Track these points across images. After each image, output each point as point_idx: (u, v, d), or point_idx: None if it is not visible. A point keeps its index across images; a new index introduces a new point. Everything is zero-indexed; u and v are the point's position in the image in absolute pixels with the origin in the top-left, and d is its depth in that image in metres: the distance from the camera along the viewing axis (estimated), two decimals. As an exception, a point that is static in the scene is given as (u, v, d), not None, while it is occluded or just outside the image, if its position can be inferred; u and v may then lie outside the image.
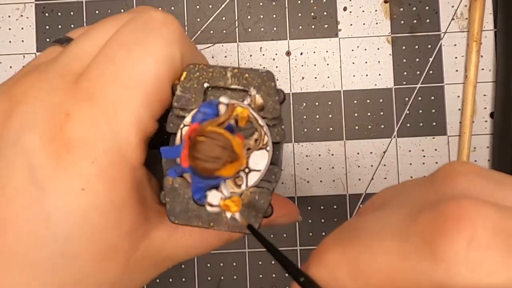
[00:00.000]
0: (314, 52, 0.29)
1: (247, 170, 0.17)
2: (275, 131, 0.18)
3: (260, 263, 0.29)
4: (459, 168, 0.12)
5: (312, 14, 0.30)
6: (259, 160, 0.17)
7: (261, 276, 0.29)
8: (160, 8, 0.30)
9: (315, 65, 0.29)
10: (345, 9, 0.30)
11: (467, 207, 0.10)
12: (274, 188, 0.18)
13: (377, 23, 0.30)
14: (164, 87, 0.17)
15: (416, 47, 0.29)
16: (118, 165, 0.16)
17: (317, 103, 0.29)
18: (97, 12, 0.30)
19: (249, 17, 0.30)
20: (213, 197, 0.16)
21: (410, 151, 0.29)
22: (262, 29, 0.30)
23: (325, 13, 0.30)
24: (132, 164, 0.17)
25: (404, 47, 0.29)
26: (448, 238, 0.10)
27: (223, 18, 0.30)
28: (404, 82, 0.29)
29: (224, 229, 0.17)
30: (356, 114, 0.29)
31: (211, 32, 0.30)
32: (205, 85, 0.18)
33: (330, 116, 0.29)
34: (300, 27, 0.30)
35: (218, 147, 0.15)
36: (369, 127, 0.29)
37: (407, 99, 0.29)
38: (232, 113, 0.16)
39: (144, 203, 0.18)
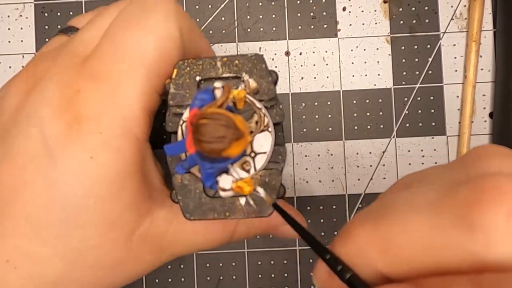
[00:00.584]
0: (313, 52, 0.29)
1: (253, 155, 0.17)
2: (274, 112, 0.18)
3: (259, 263, 0.29)
4: (491, 149, 0.12)
5: (312, 14, 0.30)
6: (263, 142, 0.17)
7: (260, 276, 0.29)
8: (159, 8, 0.30)
9: (314, 65, 0.29)
10: (344, 9, 0.30)
11: (505, 182, 0.10)
12: (283, 168, 0.18)
13: (376, 23, 0.30)
14: (165, 61, 0.18)
15: (415, 47, 0.29)
16: (122, 136, 0.17)
17: (316, 103, 0.29)
18: (96, 12, 0.30)
19: (248, 17, 0.30)
20: (225, 181, 0.16)
21: (409, 151, 0.29)
22: (261, 29, 0.30)
23: (324, 13, 0.30)
24: (136, 135, 0.18)
25: (403, 47, 0.29)
26: (487, 210, 0.10)
27: (222, 18, 0.30)
28: (403, 82, 0.29)
29: (240, 216, 0.17)
30: (355, 114, 0.29)
31: (211, 32, 0.30)
32: (197, 78, 0.18)
33: (329, 116, 0.29)
34: (299, 27, 0.30)
35: (222, 127, 0.15)
36: (368, 127, 0.29)
37: (406, 99, 0.29)
38: (228, 94, 0.16)
39: (148, 179, 0.19)
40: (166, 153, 0.17)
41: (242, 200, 0.17)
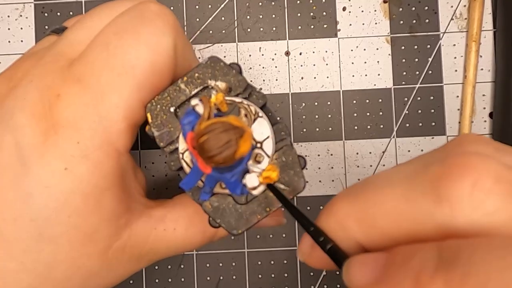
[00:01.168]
0: (313, 52, 0.29)
1: (259, 145, 0.17)
2: (254, 98, 0.18)
3: (259, 263, 0.29)
4: (472, 136, 0.13)
5: (311, 14, 0.30)
6: (261, 129, 0.17)
7: (260, 276, 0.29)
8: (159, 8, 0.30)
9: (314, 65, 0.29)
10: (344, 9, 0.30)
11: (473, 159, 0.11)
12: (292, 141, 0.18)
13: (376, 23, 0.30)
14: (156, 75, 0.17)
15: (415, 47, 0.29)
16: (103, 148, 0.16)
17: (316, 103, 0.29)
18: (96, 12, 0.30)
19: (248, 17, 0.30)
20: (251, 179, 0.17)
21: (409, 151, 0.29)
22: (261, 29, 0.30)
23: (324, 13, 0.30)
24: (117, 148, 0.17)
25: (403, 47, 0.29)
26: (453, 181, 0.11)
27: (222, 18, 0.30)
28: (403, 82, 0.29)
29: (280, 204, 0.17)
30: (355, 114, 0.29)
31: (210, 32, 0.30)
32: (171, 109, 0.18)
33: (329, 116, 0.29)
34: (299, 27, 0.30)
35: (222, 133, 0.15)
36: (368, 127, 0.29)
37: (406, 99, 0.29)
38: (209, 104, 0.16)
39: (127, 191, 0.18)
40: (185, 190, 0.17)
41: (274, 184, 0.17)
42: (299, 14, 0.30)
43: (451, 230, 0.11)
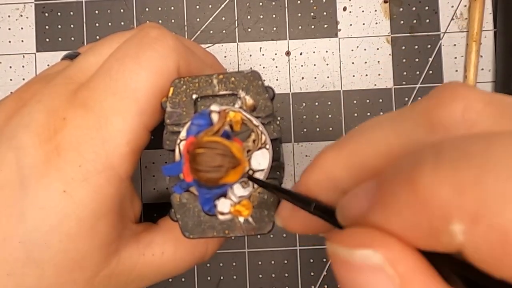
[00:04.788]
0: (314, 52, 0.29)
1: (251, 172, 0.17)
2: (271, 128, 0.18)
3: (259, 263, 0.29)
4: (452, 82, 0.13)
5: (312, 14, 0.30)
6: (261, 160, 0.17)
7: (260, 276, 0.29)
8: (159, 9, 0.30)
9: (314, 65, 0.29)
10: (344, 9, 0.30)
11: (460, 88, 0.11)
12: (281, 184, 0.18)
13: (376, 23, 0.30)
14: (159, 98, 0.17)
15: (416, 47, 0.29)
16: (104, 172, 0.16)
17: (316, 103, 0.29)
18: (97, 12, 0.30)
19: (248, 17, 0.30)
20: (223, 205, 0.16)
21: (409, 151, 0.29)
22: (262, 29, 0.30)
23: (324, 13, 0.30)
24: (119, 174, 0.17)
25: (403, 47, 0.29)
26: (444, 108, 0.11)
27: (223, 18, 0.30)
28: (404, 82, 0.29)
29: (239, 234, 0.17)
30: (355, 114, 0.29)
31: (211, 32, 0.30)
32: (194, 96, 0.18)
33: (330, 116, 0.29)
34: (300, 27, 0.30)
35: (218, 156, 0.15)
36: (369, 127, 0.29)
37: (406, 99, 0.29)
38: (225, 119, 0.16)
39: (122, 218, 0.18)
40: (164, 174, 0.17)
41: (241, 218, 0.17)
42: (299, 14, 0.30)
43: None
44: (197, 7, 0.30)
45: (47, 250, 0.16)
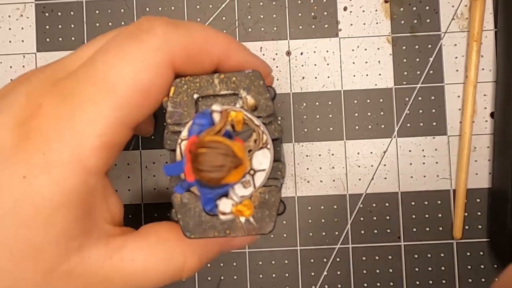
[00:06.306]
0: (314, 52, 0.29)
1: (252, 172, 0.17)
2: (272, 128, 0.18)
3: (260, 263, 0.29)
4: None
5: (312, 14, 0.30)
6: (262, 160, 0.17)
7: (261, 276, 0.29)
8: (160, 8, 0.30)
9: (315, 65, 0.29)
10: (345, 9, 0.30)
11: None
12: (282, 184, 0.18)
13: (377, 23, 0.30)
14: (140, 93, 0.17)
15: (416, 47, 0.29)
16: (70, 164, 0.16)
17: (317, 103, 0.29)
18: (97, 12, 0.30)
19: (249, 17, 0.30)
20: (224, 204, 0.16)
21: (410, 151, 0.29)
22: (262, 29, 0.30)
23: (325, 13, 0.30)
24: (87, 167, 0.16)
25: (404, 47, 0.29)
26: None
27: (223, 18, 0.30)
28: (404, 82, 0.29)
29: (240, 234, 0.17)
30: (356, 114, 0.29)
31: (211, 32, 0.30)
32: (195, 96, 0.18)
33: (330, 116, 0.29)
34: (300, 27, 0.30)
35: (220, 155, 0.15)
36: (370, 127, 0.29)
37: (407, 99, 0.29)
38: (227, 119, 0.16)
39: (89, 214, 0.17)
40: (165, 173, 0.17)
41: (242, 218, 0.17)
42: (300, 14, 0.30)
43: None
44: (198, 7, 0.30)
45: (2, 232, 0.15)
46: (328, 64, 0.29)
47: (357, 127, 0.29)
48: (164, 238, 0.19)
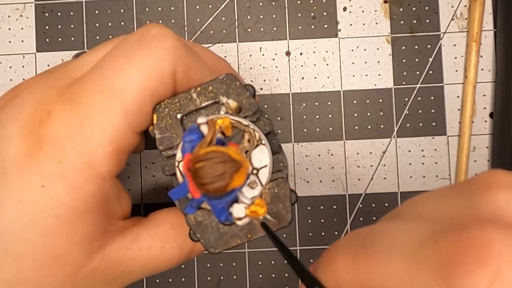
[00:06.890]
0: (314, 52, 0.29)
1: (255, 171, 0.17)
2: (262, 123, 0.18)
3: (260, 263, 0.29)
4: (500, 178, 0.11)
5: (312, 14, 0.30)
6: (261, 157, 0.17)
7: (261, 276, 0.29)
8: (159, 9, 0.30)
9: (314, 65, 0.29)
10: (344, 9, 0.30)
11: (494, 238, 0.09)
12: (288, 174, 0.18)
13: (376, 23, 0.30)
14: (147, 100, 0.17)
15: (416, 47, 0.29)
16: (84, 171, 0.16)
17: (316, 103, 0.29)
18: (97, 12, 0.30)
19: (248, 17, 0.30)
20: (238, 210, 0.16)
21: (409, 151, 0.29)
22: (262, 29, 0.30)
23: (324, 13, 0.30)
24: (100, 173, 0.16)
25: (403, 47, 0.29)
26: (468, 271, 0.09)
27: (223, 18, 0.30)
28: (404, 82, 0.29)
29: (262, 234, 0.17)
30: (355, 114, 0.29)
31: (211, 32, 0.30)
32: (178, 116, 0.18)
33: (330, 116, 0.29)
34: (300, 27, 0.30)
35: (219, 164, 0.15)
36: (369, 127, 0.29)
37: (406, 99, 0.29)
38: (215, 128, 0.16)
39: (107, 216, 0.18)
40: (172, 199, 0.17)
41: (259, 218, 0.17)
42: (299, 14, 0.30)
43: None
44: (197, 7, 0.30)
45: (25, 244, 0.16)
46: (327, 64, 0.29)
47: (356, 127, 0.29)
48: (176, 224, 0.20)
